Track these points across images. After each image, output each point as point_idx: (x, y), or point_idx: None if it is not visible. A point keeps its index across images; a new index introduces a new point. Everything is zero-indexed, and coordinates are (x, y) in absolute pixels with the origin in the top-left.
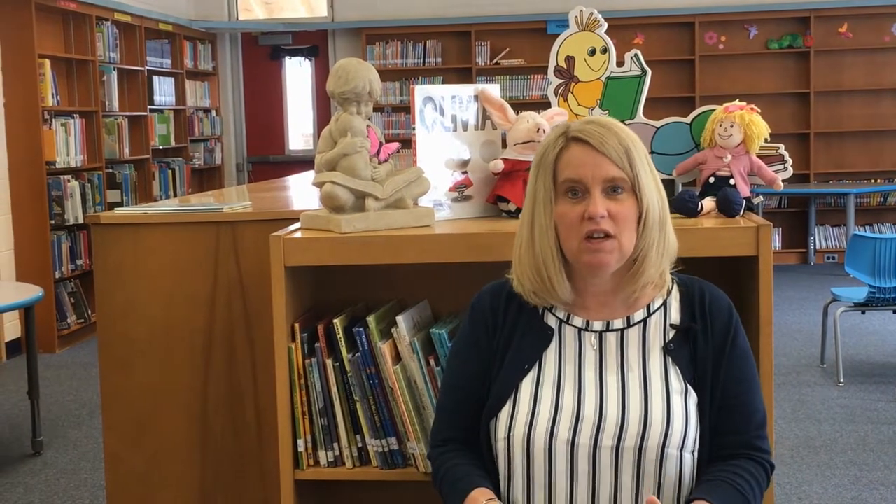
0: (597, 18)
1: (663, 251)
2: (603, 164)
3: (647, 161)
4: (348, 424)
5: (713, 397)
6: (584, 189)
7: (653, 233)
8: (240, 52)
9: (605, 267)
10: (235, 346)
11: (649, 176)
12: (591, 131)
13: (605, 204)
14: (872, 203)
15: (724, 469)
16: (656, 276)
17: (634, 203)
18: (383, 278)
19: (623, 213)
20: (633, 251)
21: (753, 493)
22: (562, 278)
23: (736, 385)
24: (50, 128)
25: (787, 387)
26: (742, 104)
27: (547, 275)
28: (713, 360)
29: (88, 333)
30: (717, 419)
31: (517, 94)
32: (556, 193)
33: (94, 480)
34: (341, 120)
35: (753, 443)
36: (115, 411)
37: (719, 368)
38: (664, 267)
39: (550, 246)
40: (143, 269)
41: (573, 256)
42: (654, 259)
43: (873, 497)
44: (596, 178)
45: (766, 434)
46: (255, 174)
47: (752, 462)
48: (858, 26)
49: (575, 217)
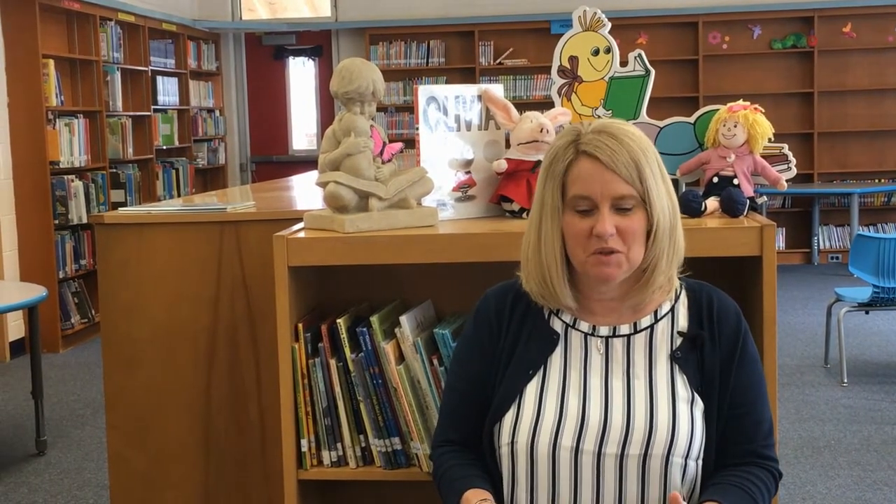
0: (600, 18)
1: (673, 258)
2: (612, 181)
3: (658, 169)
4: (352, 424)
5: (721, 406)
6: (592, 205)
7: (663, 243)
8: (243, 52)
9: (611, 279)
10: (239, 345)
11: (660, 186)
12: (602, 146)
13: (614, 220)
14: (876, 203)
15: (734, 474)
16: (665, 281)
17: (644, 217)
18: (387, 278)
19: (632, 229)
20: (643, 262)
21: (763, 498)
22: (565, 288)
23: (744, 394)
24: (54, 128)
25: (790, 387)
26: (746, 104)
27: (551, 282)
28: (721, 368)
29: (92, 333)
30: (725, 428)
31: (521, 93)
32: (565, 205)
33: (97, 480)
34: (345, 120)
35: (761, 451)
36: (118, 411)
37: (728, 377)
38: (672, 272)
39: (555, 255)
40: (146, 269)
41: (580, 267)
42: (663, 267)
43: (877, 497)
44: (605, 195)
45: (773, 443)
46: (258, 174)
47: (760, 469)
48: (862, 26)
49: (582, 231)
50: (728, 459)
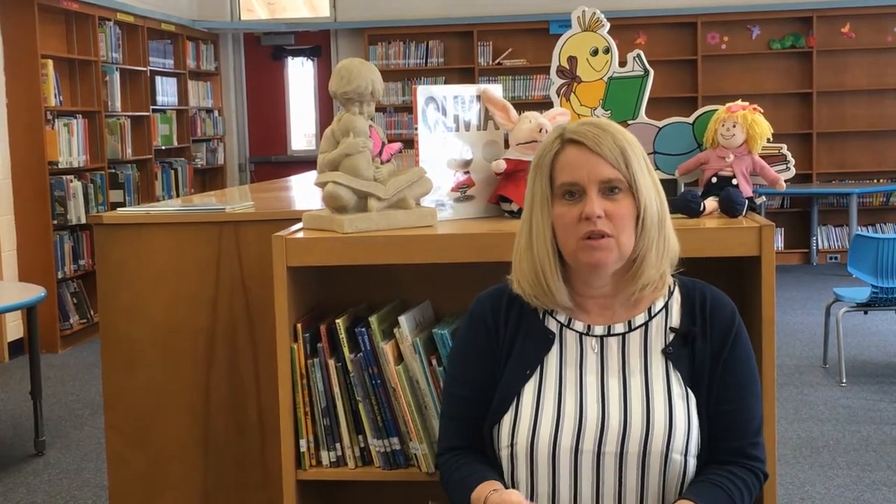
0: (599, 18)
1: (663, 252)
2: (598, 164)
3: (644, 161)
4: (350, 425)
5: (709, 401)
6: (580, 190)
7: (651, 232)
8: (242, 52)
9: (603, 266)
10: (238, 346)
11: (647, 176)
12: (586, 132)
13: (602, 204)
14: (875, 203)
15: (716, 472)
16: (656, 276)
17: (632, 203)
18: (385, 278)
19: (620, 213)
20: (632, 252)
21: (742, 498)
22: (559, 283)
23: (731, 391)
24: (52, 128)
25: (789, 387)
26: (744, 104)
27: (544, 279)
28: (710, 364)
29: (91, 333)
30: (712, 424)
31: (519, 94)
32: (554, 196)
33: (96, 480)
34: (344, 120)
35: (747, 451)
36: (117, 411)
37: (715, 373)
38: (664, 268)
39: (547, 249)
40: (145, 270)
41: (571, 257)
42: (653, 260)
43: (875, 498)
44: (592, 179)
45: (761, 442)
46: (257, 174)
47: (744, 469)
48: (861, 26)
49: (572, 218)
50: (714, 456)
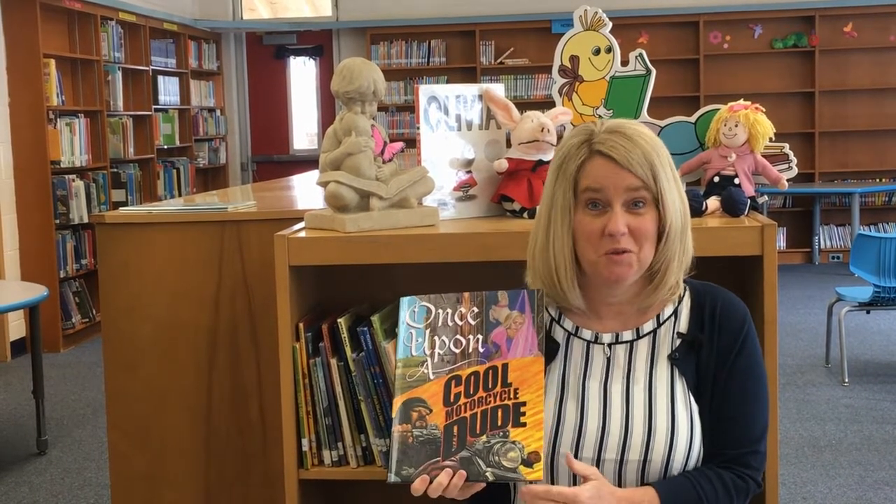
0: (601, 18)
1: (682, 260)
2: (626, 179)
3: (671, 170)
4: (352, 424)
5: (711, 407)
6: (605, 202)
7: (674, 245)
8: (244, 51)
9: (623, 280)
10: (240, 345)
11: (673, 187)
12: (616, 146)
13: (626, 219)
14: (877, 202)
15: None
16: (674, 283)
17: (656, 216)
18: (387, 278)
19: (643, 228)
20: (653, 264)
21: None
22: (574, 289)
23: (733, 399)
24: (55, 127)
25: (791, 386)
26: (747, 103)
27: (559, 282)
28: (715, 369)
29: (93, 333)
30: (711, 431)
31: (521, 93)
32: (576, 203)
33: (98, 479)
34: (346, 119)
35: (742, 459)
36: (119, 410)
37: (719, 379)
38: (681, 275)
39: (565, 255)
40: (147, 269)
41: (591, 268)
42: (674, 270)
43: (878, 497)
44: (618, 193)
45: (761, 450)
46: (259, 173)
47: (732, 475)
48: (863, 25)
49: (595, 231)
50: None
